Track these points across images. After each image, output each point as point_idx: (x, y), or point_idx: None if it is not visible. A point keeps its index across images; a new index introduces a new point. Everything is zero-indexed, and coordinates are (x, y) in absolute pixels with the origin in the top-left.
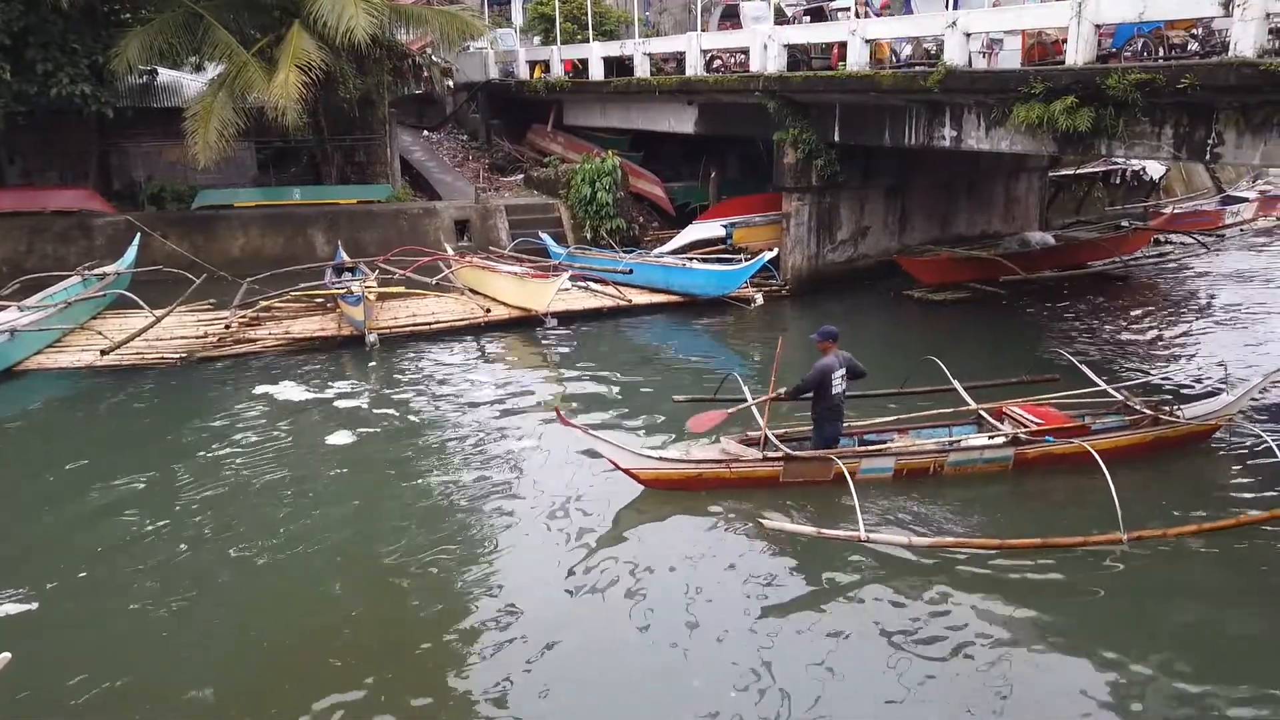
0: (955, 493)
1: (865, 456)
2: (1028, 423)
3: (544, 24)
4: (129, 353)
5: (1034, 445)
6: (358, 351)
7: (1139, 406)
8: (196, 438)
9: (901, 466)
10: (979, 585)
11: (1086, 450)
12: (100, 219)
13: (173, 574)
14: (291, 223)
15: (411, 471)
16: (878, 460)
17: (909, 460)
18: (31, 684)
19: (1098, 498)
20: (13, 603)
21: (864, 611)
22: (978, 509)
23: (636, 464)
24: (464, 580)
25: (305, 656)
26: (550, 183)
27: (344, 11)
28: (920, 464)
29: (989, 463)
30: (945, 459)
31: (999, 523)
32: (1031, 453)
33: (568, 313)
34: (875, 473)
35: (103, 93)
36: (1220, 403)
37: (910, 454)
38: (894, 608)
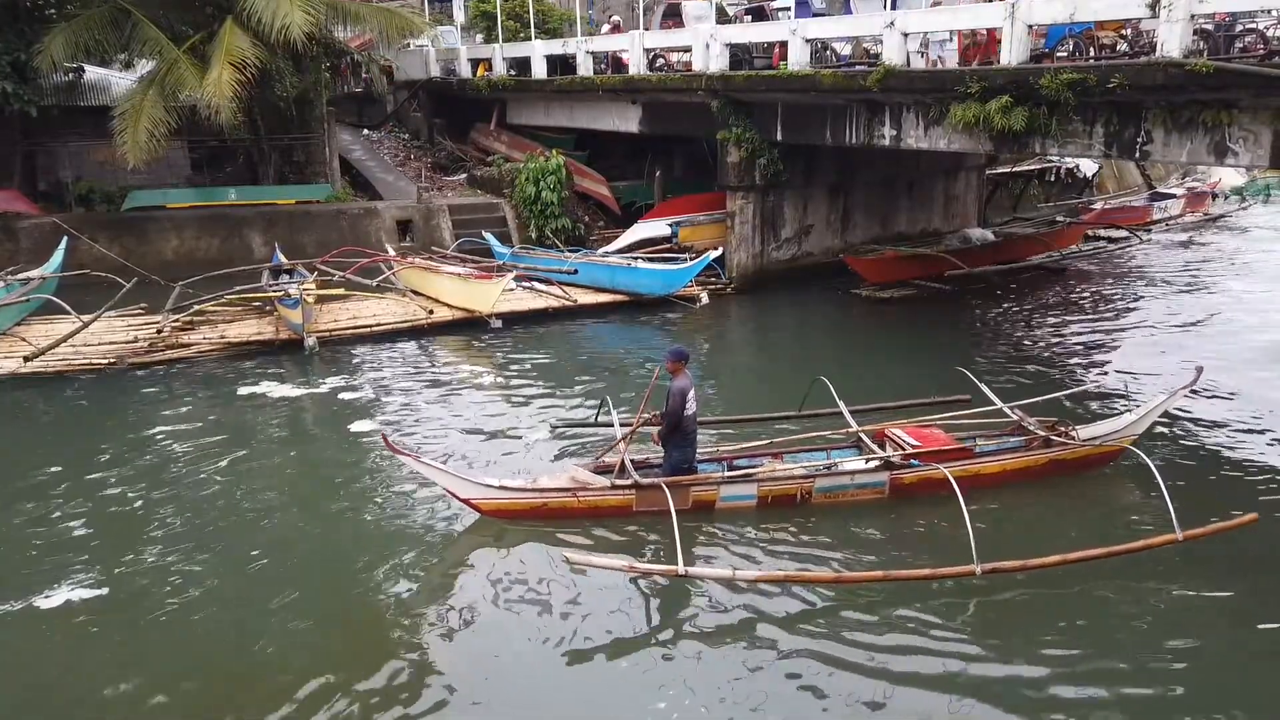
0: (821, 522)
1: (724, 483)
2: (906, 446)
3: (486, 22)
4: (54, 359)
5: (909, 470)
6: (296, 355)
7: (1033, 427)
8: (120, 446)
9: (766, 493)
10: (803, 621)
11: (973, 474)
12: (25, 221)
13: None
14: (227, 224)
15: (305, 483)
16: (738, 487)
17: (772, 487)
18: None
19: (974, 524)
20: None
21: (675, 654)
22: (839, 538)
23: (475, 494)
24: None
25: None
26: (494, 182)
27: (279, 8)
28: (785, 490)
29: (861, 489)
30: (812, 485)
31: (854, 553)
32: (908, 478)
33: (513, 314)
34: (737, 500)
35: (25, 90)
36: (1121, 423)
37: (773, 480)
38: (712, 648)
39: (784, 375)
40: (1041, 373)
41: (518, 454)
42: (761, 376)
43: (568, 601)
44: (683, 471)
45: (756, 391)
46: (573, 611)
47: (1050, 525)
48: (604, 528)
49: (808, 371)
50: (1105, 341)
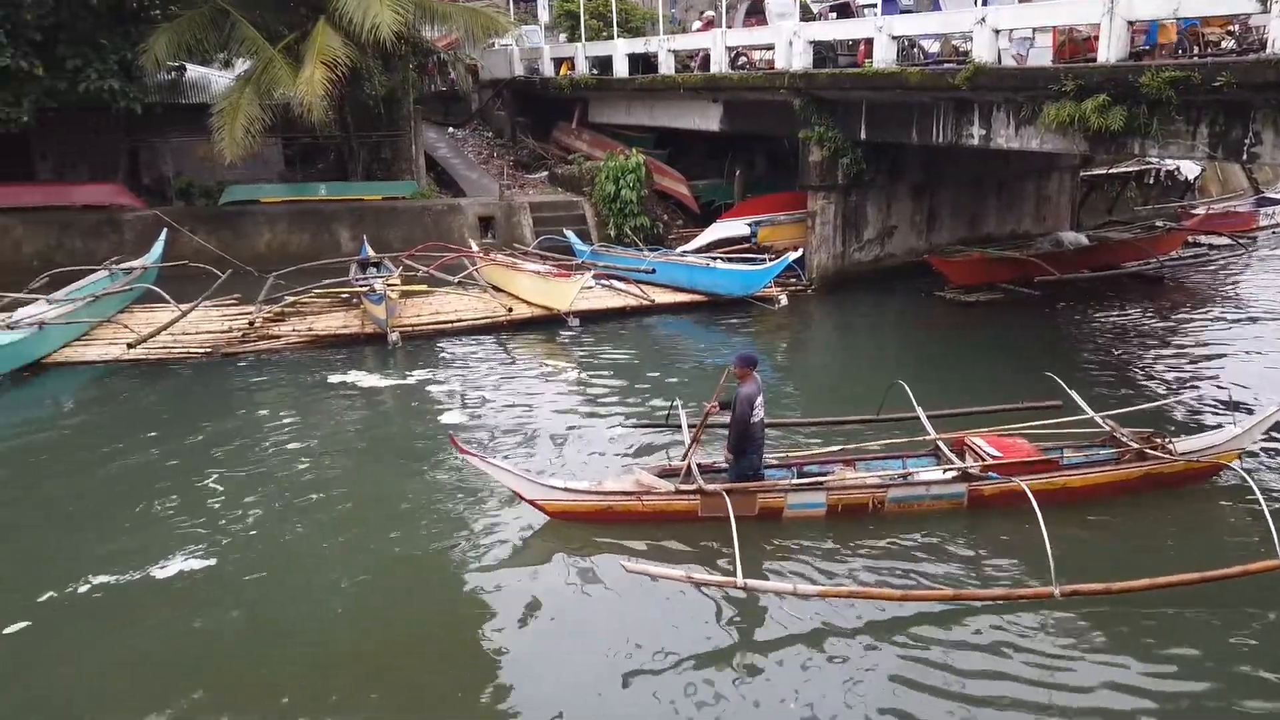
0: (893, 534)
1: (792, 491)
2: (986, 456)
3: (569, 21)
4: (155, 347)
5: (988, 482)
6: (380, 349)
7: (1126, 439)
8: (217, 430)
9: (836, 502)
10: (866, 639)
11: (1057, 487)
12: (129, 214)
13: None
14: (317, 219)
15: (386, 472)
16: (807, 495)
17: (843, 495)
18: None
19: (1055, 543)
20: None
21: (731, 669)
22: (911, 552)
23: (540, 495)
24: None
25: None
26: (575, 180)
27: (369, 8)
28: (857, 500)
29: (938, 500)
30: (885, 495)
31: (925, 568)
32: (987, 490)
33: (590, 312)
34: (805, 508)
35: (131, 89)
36: (1222, 437)
37: (844, 488)
38: (768, 664)
39: (861, 379)
40: (1136, 383)
41: (588, 454)
42: (838, 379)
43: (626, 609)
44: (749, 478)
45: (832, 395)
46: (630, 619)
47: (1140, 545)
48: (669, 533)
49: (886, 375)
50: (1206, 353)
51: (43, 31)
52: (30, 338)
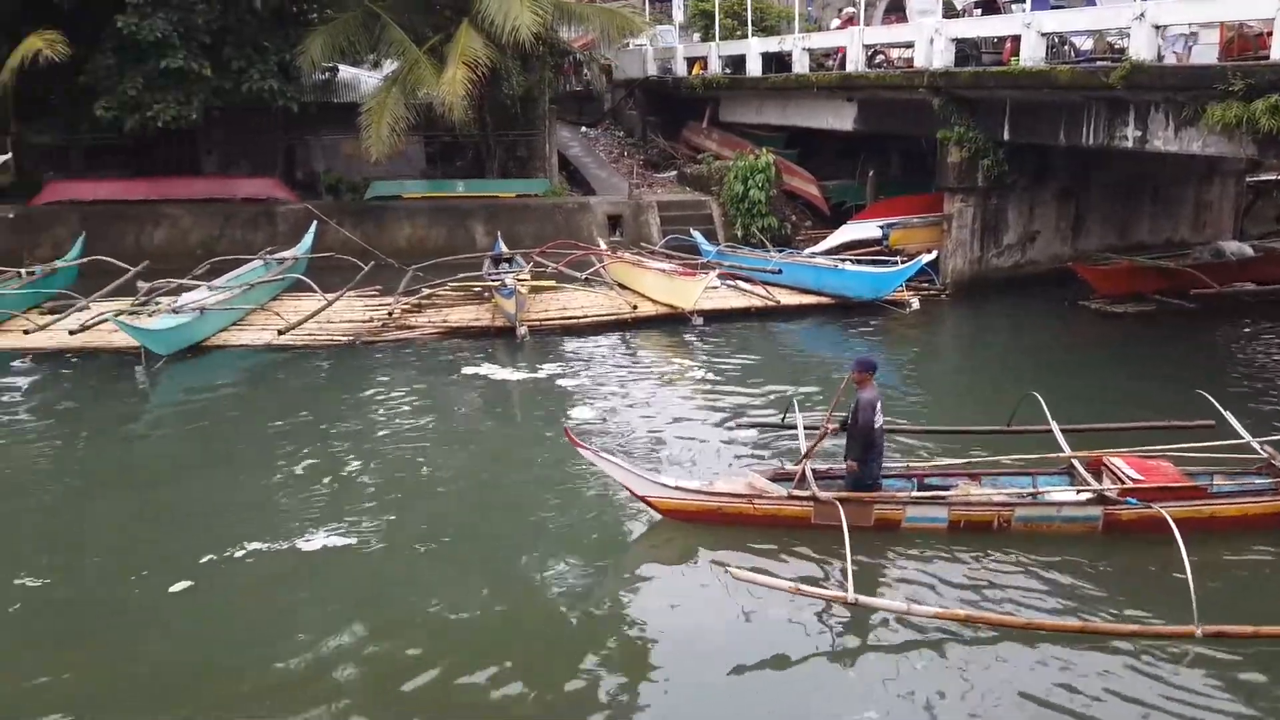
0: (1018, 555)
1: (912, 503)
2: (1126, 478)
3: (704, 21)
4: (301, 334)
5: (1127, 507)
6: (508, 342)
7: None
8: (358, 413)
9: (958, 518)
10: (983, 667)
11: (1204, 517)
12: (283, 207)
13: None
14: (454, 214)
15: (509, 462)
16: (927, 508)
17: (966, 511)
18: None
19: (1200, 577)
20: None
21: (836, 687)
22: (1037, 576)
23: (651, 492)
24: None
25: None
26: (703, 179)
27: (510, 10)
28: (981, 516)
29: (1070, 522)
30: (1012, 513)
31: (1052, 595)
32: (1125, 515)
33: (714, 312)
34: (925, 522)
35: (289, 89)
36: None
37: (968, 504)
38: (876, 686)
39: (993, 388)
40: None
41: (702, 453)
42: (967, 388)
43: (731, 613)
44: (866, 487)
45: (960, 404)
46: (734, 624)
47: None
48: (780, 539)
49: (1020, 386)
50: None
51: (211, 35)
52: (192, 322)
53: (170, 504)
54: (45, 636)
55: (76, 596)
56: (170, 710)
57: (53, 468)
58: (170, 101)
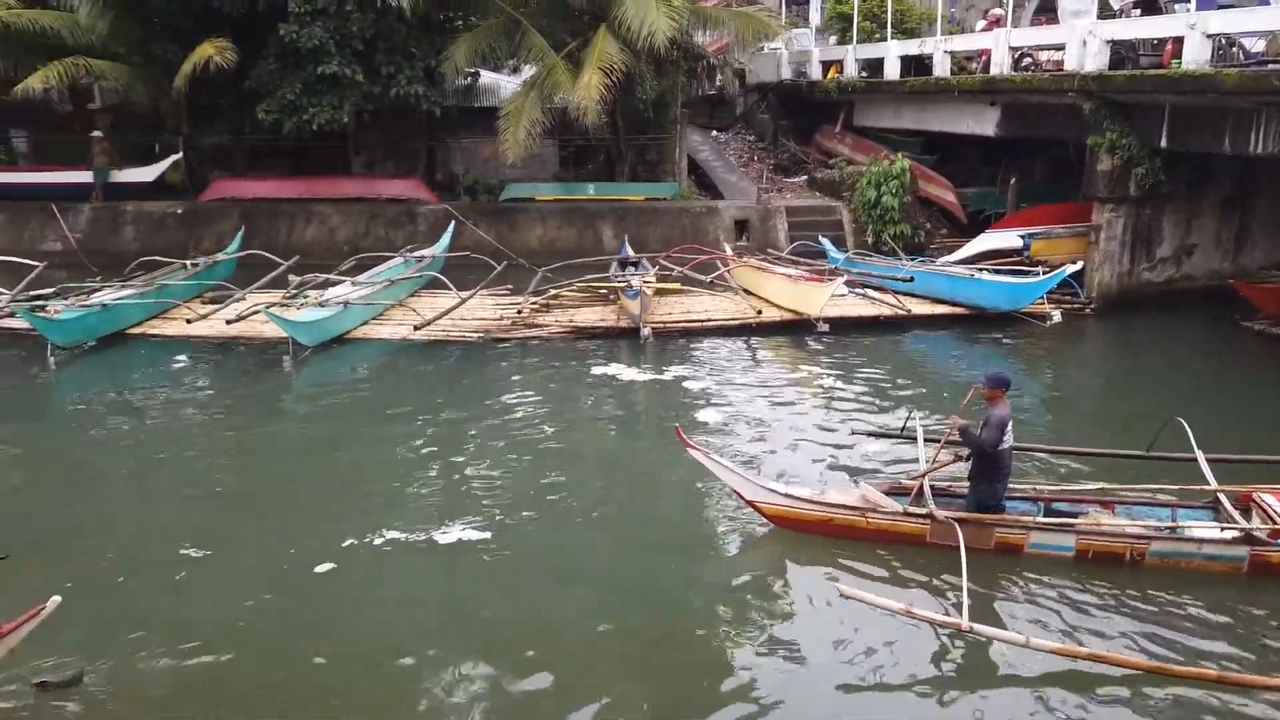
0: (1152, 592)
1: (1036, 528)
2: (1278, 517)
3: (841, 24)
4: (435, 329)
5: (1277, 548)
6: (632, 343)
7: None
8: (489, 409)
9: (1086, 547)
10: (1105, 712)
11: None
12: (424, 207)
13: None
14: (584, 217)
15: (628, 462)
16: (1053, 535)
17: (1096, 541)
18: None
19: None
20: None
21: (943, 715)
22: (1171, 617)
23: (760, 497)
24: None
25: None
26: (834, 185)
27: (647, 15)
28: (1111, 548)
29: (1211, 561)
30: (1147, 547)
31: (1187, 638)
32: (1276, 557)
33: (841, 319)
34: (1050, 549)
35: (433, 93)
36: None
37: (1098, 533)
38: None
39: (1135, 413)
40: None
41: (817, 459)
42: (1107, 410)
43: (838, 630)
44: (989, 508)
45: (1098, 427)
46: (841, 642)
47: None
48: (893, 555)
49: (1165, 411)
50: None
51: (364, 42)
52: (336, 315)
53: (315, 487)
54: (205, 604)
55: (233, 567)
56: (310, 684)
57: (209, 447)
58: (324, 105)
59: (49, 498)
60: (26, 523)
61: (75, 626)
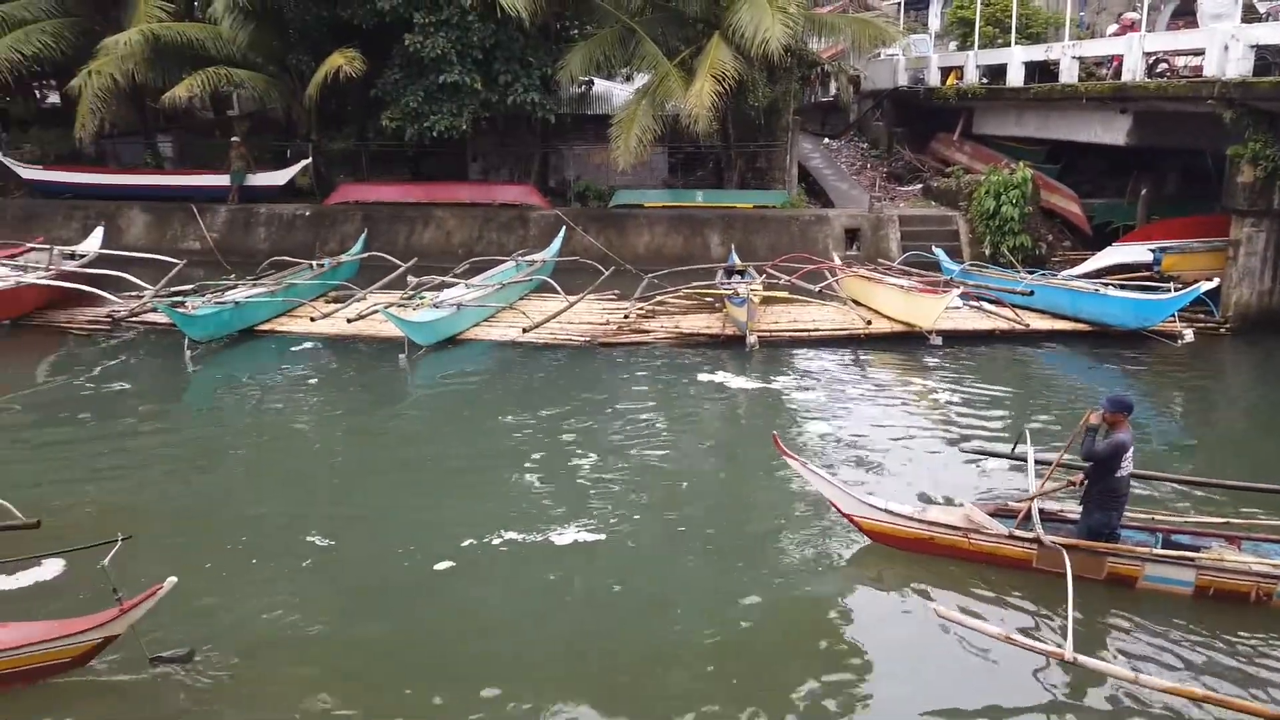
0: (1278, 635)
1: (1152, 560)
2: None
3: (962, 29)
4: (543, 333)
5: None
6: (738, 351)
7: None
8: (594, 411)
9: (1207, 584)
10: None
11: None
12: (536, 212)
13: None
14: (691, 224)
15: (732, 468)
16: (1171, 569)
17: (1219, 578)
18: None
19: None
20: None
21: None
22: None
23: (858, 511)
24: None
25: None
26: (950, 194)
27: (761, 22)
28: (1235, 586)
29: None
30: (1276, 588)
31: None
32: None
33: (954, 332)
34: (1166, 583)
35: (548, 101)
36: None
37: (1221, 570)
38: None
39: (1270, 442)
40: None
41: (920, 476)
42: (1238, 439)
43: (931, 653)
44: (1101, 536)
45: (1226, 457)
46: (933, 665)
47: None
48: (996, 579)
49: None
50: None
51: (484, 51)
52: (450, 316)
53: (433, 483)
54: (325, 592)
55: (355, 560)
56: (425, 678)
57: (330, 439)
58: (445, 113)
59: (180, 482)
60: (157, 504)
61: (199, 604)
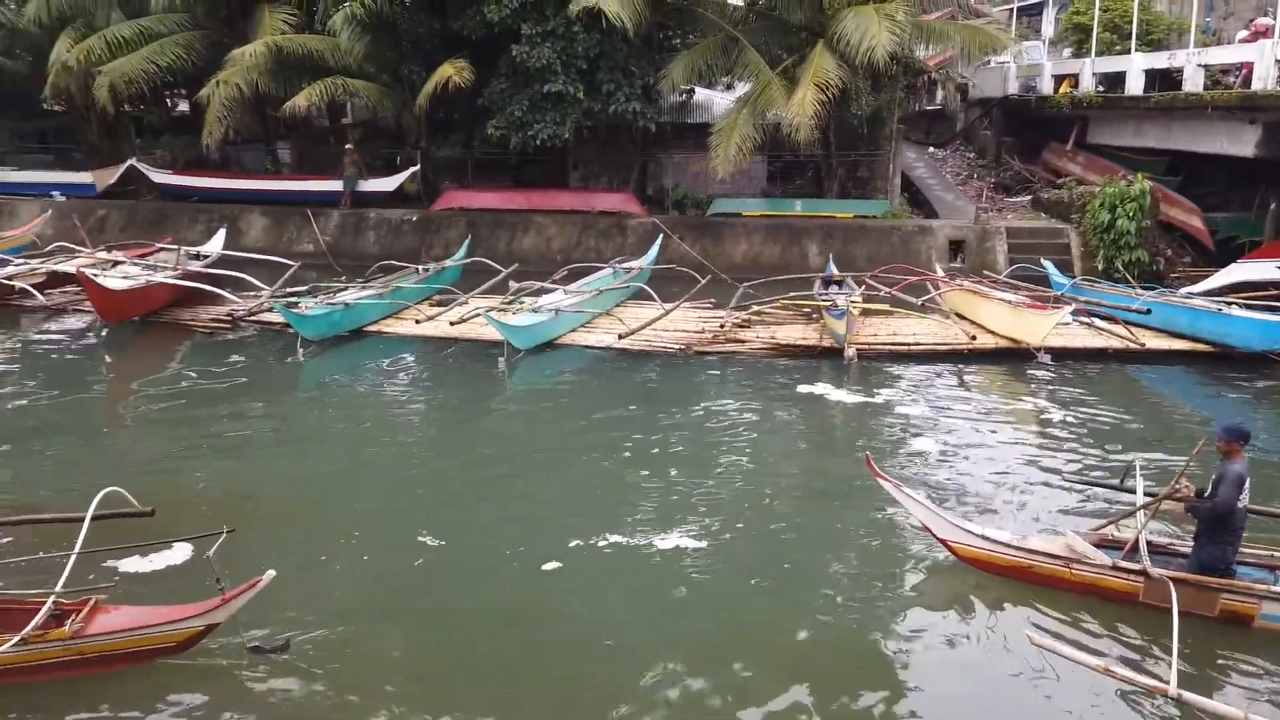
0: None
1: (1270, 598)
2: None
3: (1078, 35)
4: (638, 339)
5: None
6: (834, 364)
7: None
8: (692, 419)
9: None
10: None
11: None
12: (634, 220)
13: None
14: (789, 233)
15: (824, 483)
16: None
17: None
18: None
19: None
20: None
21: None
22: None
23: (954, 536)
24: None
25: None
26: (1062, 206)
27: (868, 30)
28: None
29: None
30: None
31: None
32: None
33: (1064, 350)
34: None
35: (649, 110)
36: None
37: None
38: None
39: None
40: None
41: (1025, 501)
42: None
43: (1026, 686)
44: (1215, 571)
45: None
46: (1029, 698)
47: None
48: (1097, 611)
49: None
50: None
51: (588, 61)
52: (548, 321)
53: (536, 484)
54: (440, 590)
55: (466, 558)
56: (538, 677)
57: (435, 439)
58: (548, 122)
59: (290, 475)
60: (268, 495)
61: (309, 594)
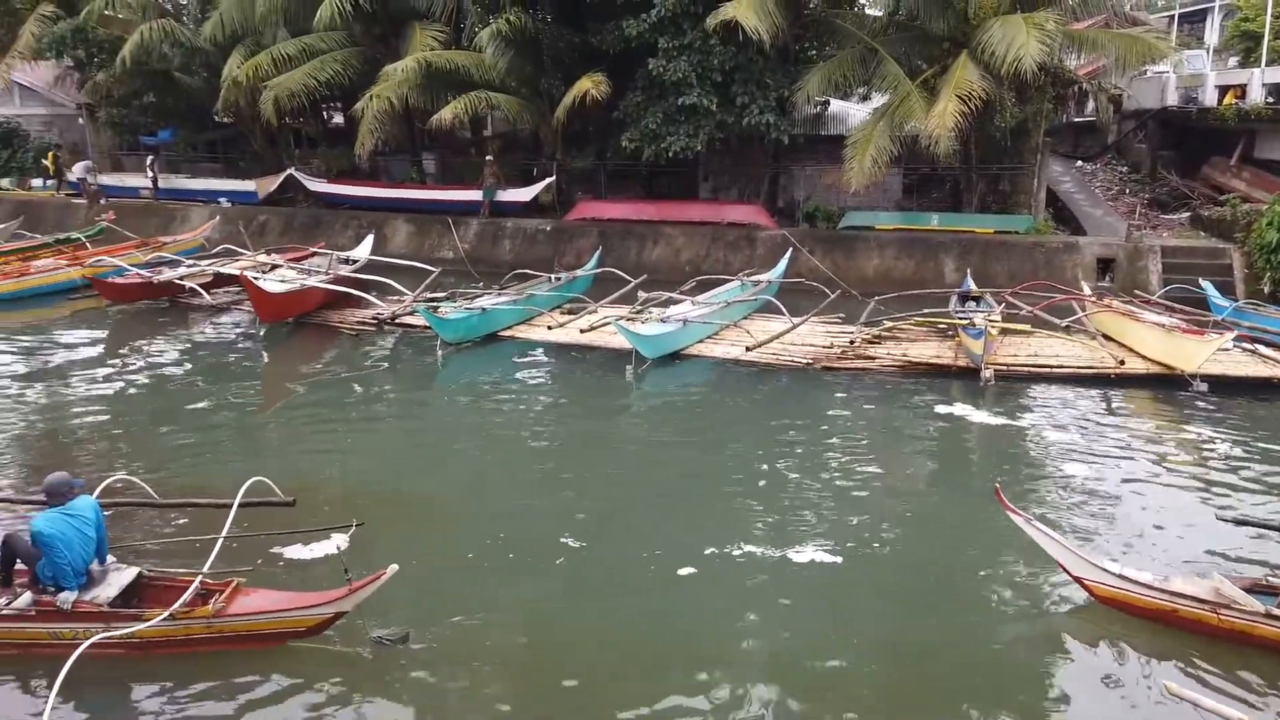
0: None
1: None
2: None
3: (1245, 43)
4: (765, 353)
5: None
6: (969, 384)
7: None
8: (822, 436)
9: None
10: None
11: None
12: (763, 232)
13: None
14: (924, 247)
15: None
16: None
17: None
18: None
19: None
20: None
21: None
22: None
23: (1089, 575)
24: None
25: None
26: (1224, 224)
27: (1015, 40)
28: None
29: None
30: None
31: None
32: None
33: (1223, 378)
34: None
35: (782, 122)
36: None
37: None
38: None
39: None
40: None
41: (1170, 539)
42: None
43: None
44: None
45: None
46: None
47: None
48: (1244, 660)
49: None
50: None
51: (723, 74)
52: (676, 331)
53: (666, 491)
54: (583, 591)
55: (605, 561)
56: (668, 677)
57: (567, 442)
58: (681, 134)
59: (428, 472)
60: (406, 491)
61: (452, 590)
